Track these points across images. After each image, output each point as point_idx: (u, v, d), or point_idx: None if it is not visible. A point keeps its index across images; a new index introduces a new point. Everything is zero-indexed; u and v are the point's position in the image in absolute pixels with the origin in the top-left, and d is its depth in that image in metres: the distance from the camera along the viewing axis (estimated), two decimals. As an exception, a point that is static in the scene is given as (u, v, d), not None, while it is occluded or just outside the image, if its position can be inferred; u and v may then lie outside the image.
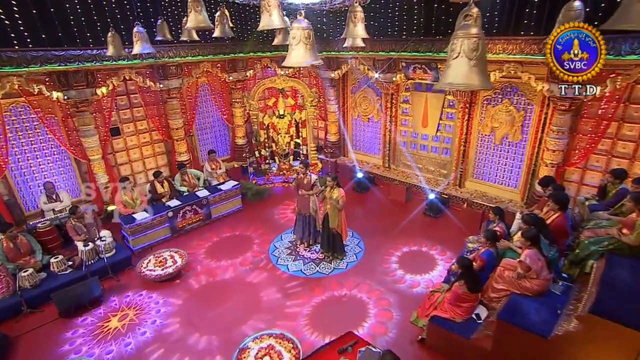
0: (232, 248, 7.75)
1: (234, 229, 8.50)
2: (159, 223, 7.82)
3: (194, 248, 7.78)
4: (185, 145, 10.09)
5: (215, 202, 8.75)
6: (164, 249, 7.32)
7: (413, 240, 7.85)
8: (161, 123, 9.79)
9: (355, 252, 7.52)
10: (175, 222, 8.06)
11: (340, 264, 7.16)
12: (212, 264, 7.26)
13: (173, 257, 7.06)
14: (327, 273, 6.91)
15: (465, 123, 8.88)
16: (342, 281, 6.67)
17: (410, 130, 10.27)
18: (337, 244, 7.20)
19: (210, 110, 11.10)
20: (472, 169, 9.28)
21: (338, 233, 7.06)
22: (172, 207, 8.01)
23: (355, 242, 7.87)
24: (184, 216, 8.18)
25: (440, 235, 8.00)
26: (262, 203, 9.70)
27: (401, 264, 7.11)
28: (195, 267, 7.18)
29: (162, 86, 9.23)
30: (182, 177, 8.87)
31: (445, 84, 2.62)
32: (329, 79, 11.02)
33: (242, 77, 10.84)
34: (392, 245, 7.68)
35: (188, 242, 7.99)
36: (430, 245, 7.62)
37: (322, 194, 6.97)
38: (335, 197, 6.77)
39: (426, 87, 9.50)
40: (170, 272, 6.69)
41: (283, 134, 10.86)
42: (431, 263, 7.12)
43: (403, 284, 6.55)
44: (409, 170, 10.60)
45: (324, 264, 7.18)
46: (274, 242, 7.96)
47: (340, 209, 6.80)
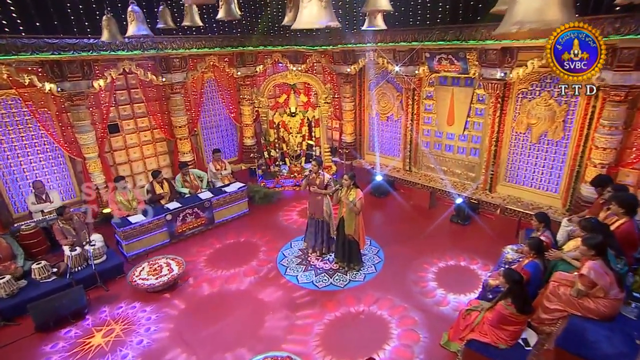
0: (236, 256, 7.11)
1: (238, 235, 7.87)
2: (156, 227, 7.24)
3: (194, 255, 7.17)
4: (189, 145, 9.55)
5: (219, 205, 8.14)
6: (160, 256, 6.71)
7: (440, 249, 7.09)
8: (163, 120, 9.29)
9: (374, 263, 6.79)
10: (174, 226, 7.47)
11: (357, 275, 6.44)
12: (213, 274, 6.62)
13: (169, 264, 6.45)
14: (341, 286, 6.20)
15: (497, 120, 8.11)
16: (360, 295, 5.94)
17: (434, 129, 9.54)
18: (353, 252, 6.49)
19: (217, 108, 10.58)
20: (505, 171, 8.48)
21: (355, 240, 6.35)
22: (171, 209, 7.43)
23: (374, 252, 7.14)
24: (184, 220, 7.59)
25: (472, 245, 7.22)
26: (271, 207, 9.07)
27: (431, 277, 6.34)
28: (194, 276, 6.55)
29: (165, 80, 8.73)
30: (183, 177, 8.31)
31: (512, 24, 1.93)
32: (345, 75, 10.40)
33: (252, 73, 10.31)
34: (417, 256, 6.93)
35: (187, 248, 7.39)
36: (469, 259, 6.83)
37: (337, 196, 6.29)
38: (352, 198, 6.08)
39: (452, 80, 8.79)
40: (166, 281, 6.07)
41: (294, 133, 10.25)
42: (471, 278, 6.33)
43: (431, 299, 5.79)
44: (433, 173, 9.84)
45: (338, 275, 6.47)
46: (282, 250, 7.29)
47: (357, 213, 6.10)
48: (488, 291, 5.26)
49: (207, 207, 7.90)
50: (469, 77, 8.38)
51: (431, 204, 8.89)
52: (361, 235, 6.38)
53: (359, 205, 6.08)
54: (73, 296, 5.41)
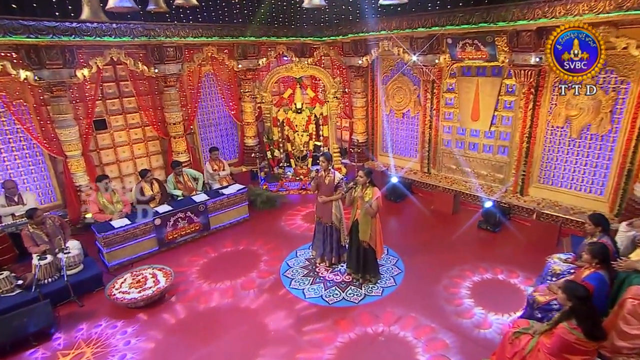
0: (234, 266, 6.36)
1: (237, 242, 7.12)
2: (143, 233, 6.52)
3: (185, 265, 6.43)
4: (184, 144, 8.89)
5: (216, 209, 7.42)
6: (146, 266, 5.98)
7: (471, 260, 6.30)
8: (156, 117, 8.64)
9: (392, 275, 6.01)
10: (163, 232, 6.75)
11: (374, 289, 5.65)
12: (206, 287, 5.86)
13: (155, 275, 5.71)
14: (356, 302, 5.41)
15: (530, 113, 7.35)
16: (378, 313, 5.15)
17: (456, 126, 8.79)
18: (369, 262, 5.70)
19: (216, 105, 9.94)
20: (538, 171, 7.68)
21: (371, 248, 5.57)
22: (161, 213, 6.72)
23: (392, 262, 6.35)
24: (175, 225, 6.87)
25: (506, 254, 6.43)
26: (274, 212, 8.33)
27: (465, 292, 5.54)
28: (184, 289, 5.80)
29: (158, 71, 8.10)
30: (176, 178, 7.61)
31: None
32: (356, 68, 9.74)
33: (254, 66, 9.68)
34: (444, 267, 6.14)
35: (178, 257, 6.65)
36: (507, 271, 6.02)
37: (350, 196, 5.54)
38: (368, 198, 5.33)
39: (477, 70, 8.06)
40: (150, 295, 5.32)
41: (300, 132, 9.56)
42: (513, 294, 5.52)
43: (466, 320, 4.97)
44: (455, 175, 9.06)
45: (352, 288, 5.68)
46: (286, 259, 6.53)
47: (373, 215, 5.35)
48: (535, 309, 4.46)
49: (201, 211, 7.18)
50: (496, 65, 7.66)
51: (455, 209, 8.10)
52: (378, 242, 5.60)
53: (375, 205, 5.33)
54: (37, 313, 4.68)
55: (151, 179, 7.20)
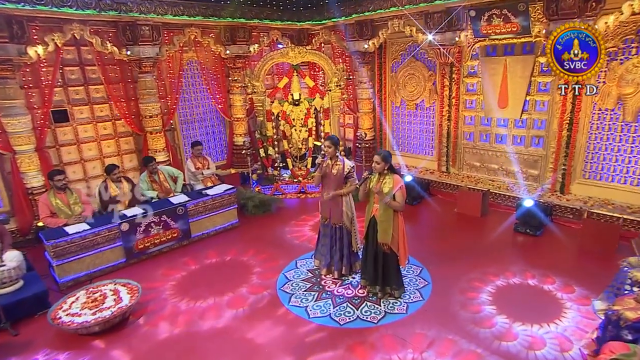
0: (219, 280, 5.36)
1: (223, 252, 6.13)
2: (106, 241, 5.52)
3: (158, 280, 5.41)
4: (162, 141, 7.96)
5: (198, 213, 6.44)
6: (107, 281, 4.96)
7: (513, 269, 5.35)
8: (129, 109, 7.74)
9: (417, 287, 5.03)
10: (132, 240, 5.75)
11: (397, 305, 4.66)
12: (183, 305, 4.84)
13: (117, 292, 4.69)
14: (375, 321, 4.41)
15: (571, 94, 6.51)
16: (404, 335, 4.15)
17: (480, 116, 7.95)
18: (390, 271, 4.72)
19: (200, 97, 9.07)
20: (583, 164, 6.80)
21: (392, 253, 4.61)
22: (130, 217, 5.74)
23: (415, 272, 5.38)
24: (147, 232, 5.88)
25: (557, 262, 5.50)
26: (268, 218, 7.37)
27: (500, 307, 4.56)
28: (155, 309, 4.78)
29: (130, 54, 7.25)
30: (150, 176, 6.65)
31: None
32: (361, 54, 8.94)
33: (244, 53, 8.87)
34: (479, 276, 5.18)
35: (150, 271, 5.65)
36: (562, 284, 5.07)
37: (365, 188, 4.62)
38: (388, 189, 4.41)
39: (504, 49, 7.27)
40: (108, 317, 4.29)
41: (298, 126, 8.67)
42: (550, 304, 4.55)
43: (514, 342, 3.99)
44: (478, 174, 8.17)
45: (368, 305, 4.69)
46: (284, 271, 5.54)
47: (399, 209, 4.42)
48: (622, 328, 3.49)
49: (180, 214, 6.20)
50: (528, 41, 6.87)
51: (483, 211, 7.17)
52: (401, 245, 4.64)
53: (398, 198, 4.40)
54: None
55: (119, 176, 6.23)
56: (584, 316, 4.31)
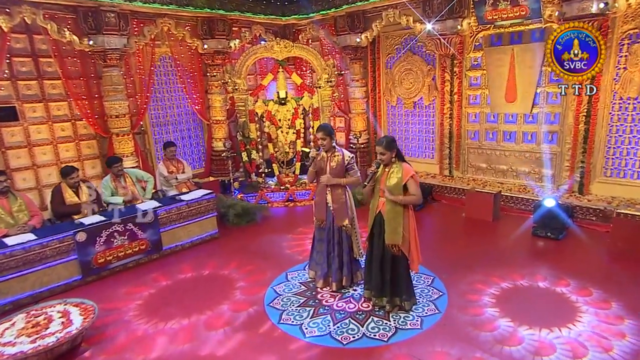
0: (195, 298, 4.71)
1: (200, 265, 5.48)
2: (57, 254, 4.83)
3: (121, 299, 4.73)
4: (131, 144, 7.32)
5: (171, 222, 5.81)
6: (56, 301, 4.26)
7: (537, 275, 4.87)
8: (92, 108, 7.11)
9: (431, 299, 4.47)
10: (91, 252, 5.06)
11: (409, 319, 4.08)
12: (150, 328, 4.17)
13: (67, 314, 3.99)
14: (384, 339, 3.82)
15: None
16: (421, 355, 3.57)
17: (485, 112, 7.57)
18: (400, 279, 4.15)
19: (175, 97, 8.51)
20: (603, 160, 6.43)
21: (403, 256, 4.06)
22: (87, 225, 5.07)
23: (426, 282, 4.83)
24: (108, 243, 5.21)
25: (589, 269, 5.01)
26: (252, 228, 6.77)
27: (529, 320, 4.02)
28: (114, 334, 4.10)
29: (93, 44, 6.68)
30: (114, 179, 6.00)
31: None
32: (352, 49, 8.55)
33: (224, 48, 8.38)
34: (499, 285, 4.68)
35: (112, 289, 4.97)
36: (603, 296, 4.56)
37: (372, 185, 4.11)
38: (396, 181, 3.91)
39: (511, 37, 6.96)
40: (50, 345, 3.59)
41: (285, 128, 8.19)
42: (582, 313, 4.04)
43: (551, 356, 3.44)
44: (485, 176, 7.74)
45: (375, 320, 4.11)
46: (272, 285, 4.92)
47: (416, 202, 3.94)
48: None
49: (149, 223, 5.55)
50: (537, 27, 6.57)
51: (495, 215, 6.71)
52: (413, 246, 4.10)
53: (413, 189, 3.92)
54: None
55: (77, 180, 5.57)
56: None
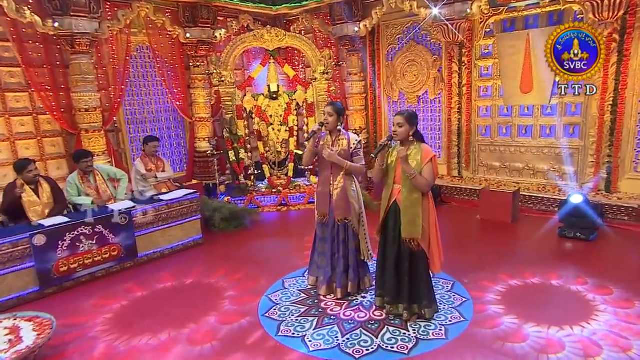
0: (176, 309, 4.20)
1: (182, 274, 4.97)
2: (9, 261, 4.28)
3: (86, 313, 4.20)
4: (102, 142, 6.80)
5: (148, 225, 5.31)
6: (4, 316, 3.71)
7: (570, 281, 4.46)
8: (58, 100, 6.59)
9: (454, 305, 4.03)
10: (51, 259, 4.52)
11: (431, 329, 3.63)
12: (121, 345, 3.65)
13: (17, 330, 3.45)
14: (405, 352, 3.35)
15: (614, 69, 5.94)
16: (454, 370, 3.11)
17: (498, 105, 7.26)
18: (419, 281, 3.70)
19: (154, 92, 8.04)
20: (633, 154, 6.12)
21: (422, 252, 3.61)
22: (47, 227, 4.55)
23: (446, 287, 4.40)
24: (73, 248, 4.68)
25: (630, 273, 4.63)
26: (241, 234, 6.29)
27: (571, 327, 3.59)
28: (77, 352, 3.57)
29: (59, 26, 6.20)
30: (83, 177, 5.49)
31: None
32: (350, 40, 8.23)
33: (208, 37, 7.99)
34: (531, 289, 4.25)
35: (76, 302, 4.43)
36: (620, 300, 4.16)
37: (382, 160, 3.69)
38: (414, 165, 3.54)
39: (525, 21, 6.70)
40: (-3, 364, 3.06)
41: (277, 125, 7.78)
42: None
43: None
44: (499, 176, 7.40)
45: (390, 330, 3.64)
46: (267, 293, 4.43)
47: (423, 188, 3.52)
48: None
49: (123, 225, 5.04)
50: (555, 9, 6.32)
51: (514, 217, 6.35)
52: (434, 243, 3.67)
53: (428, 174, 3.51)
54: None
55: (37, 175, 5.05)
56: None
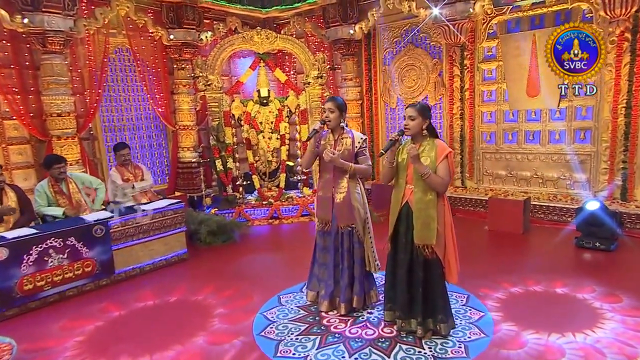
0: (158, 330, 3.87)
1: (165, 291, 4.64)
2: (-32, 276, 3.94)
3: (54, 336, 3.84)
4: (76, 150, 6.47)
5: (127, 238, 4.97)
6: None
7: (599, 293, 4.23)
8: (26, 104, 6.27)
9: (471, 320, 3.76)
10: (14, 276, 4.15)
11: (449, 346, 3.35)
12: (94, 371, 3.30)
13: (-29, 354, 3.10)
14: (422, 373, 3.07)
15: (627, 70, 5.88)
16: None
17: (503, 110, 7.15)
18: (434, 293, 3.43)
19: (134, 97, 7.77)
20: (649, 160, 6.03)
21: (436, 259, 3.36)
22: (10, 239, 4.20)
23: (460, 301, 4.13)
24: (40, 264, 4.31)
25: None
26: (230, 248, 5.98)
27: (608, 344, 3.35)
28: (43, 379, 3.22)
29: (29, 22, 5.91)
30: (54, 185, 5.16)
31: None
32: (345, 43, 8.11)
33: (193, 40, 7.78)
34: (554, 301, 4.02)
35: (43, 324, 4.07)
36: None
37: (392, 158, 3.47)
38: (430, 161, 3.32)
39: (530, 21, 6.63)
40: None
41: (267, 132, 7.57)
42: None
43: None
44: (506, 185, 7.24)
45: (404, 348, 3.36)
46: (261, 310, 4.11)
47: (440, 188, 3.30)
48: None
49: (98, 237, 4.70)
50: (563, 8, 6.27)
51: (525, 227, 6.17)
52: (450, 250, 3.42)
53: (443, 172, 3.29)
54: None
55: (1, 180, 4.72)
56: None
